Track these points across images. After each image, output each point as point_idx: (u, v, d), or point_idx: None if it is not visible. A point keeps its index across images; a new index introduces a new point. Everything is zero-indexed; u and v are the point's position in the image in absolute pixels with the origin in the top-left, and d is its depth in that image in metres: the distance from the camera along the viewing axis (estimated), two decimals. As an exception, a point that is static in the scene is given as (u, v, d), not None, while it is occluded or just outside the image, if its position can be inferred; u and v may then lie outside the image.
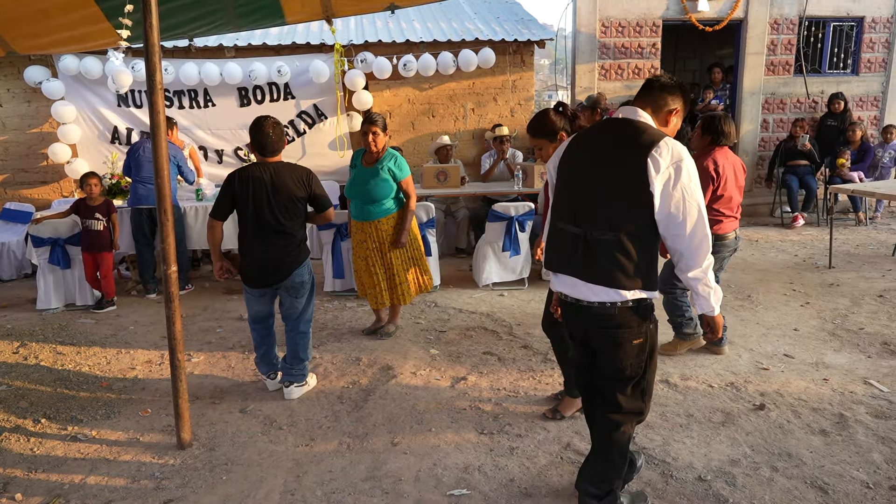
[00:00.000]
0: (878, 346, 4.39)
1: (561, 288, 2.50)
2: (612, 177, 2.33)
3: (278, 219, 3.61)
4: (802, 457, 3.07)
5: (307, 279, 3.80)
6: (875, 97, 9.48)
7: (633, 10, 8.89)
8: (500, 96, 8.64)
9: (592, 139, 2.49)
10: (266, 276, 3.70)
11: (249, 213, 3.62)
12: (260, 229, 3.63)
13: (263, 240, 3.64)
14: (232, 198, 3.63)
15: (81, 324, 5.44)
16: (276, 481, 2.99)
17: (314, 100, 8.15)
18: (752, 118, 9.32)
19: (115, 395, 4.00)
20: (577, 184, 2.43)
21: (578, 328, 2.52)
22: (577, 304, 2.43)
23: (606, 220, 2.31)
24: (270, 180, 3.60)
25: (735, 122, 9.22)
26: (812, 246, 7.49)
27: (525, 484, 2.92)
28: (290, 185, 3.63)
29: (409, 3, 4.77)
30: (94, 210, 5.69)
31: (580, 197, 2.41)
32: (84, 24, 4.15)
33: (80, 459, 3.23)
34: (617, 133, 2.41)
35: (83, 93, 7.67)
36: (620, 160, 2.32)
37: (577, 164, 2.46)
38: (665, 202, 2.26)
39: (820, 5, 9.05)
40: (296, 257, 3.71)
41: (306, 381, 3.95)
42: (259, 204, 3.59)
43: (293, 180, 3.65)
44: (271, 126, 3.63)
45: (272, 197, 3.59)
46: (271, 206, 3.59)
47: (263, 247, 3.65)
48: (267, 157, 3.67)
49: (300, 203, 3.70)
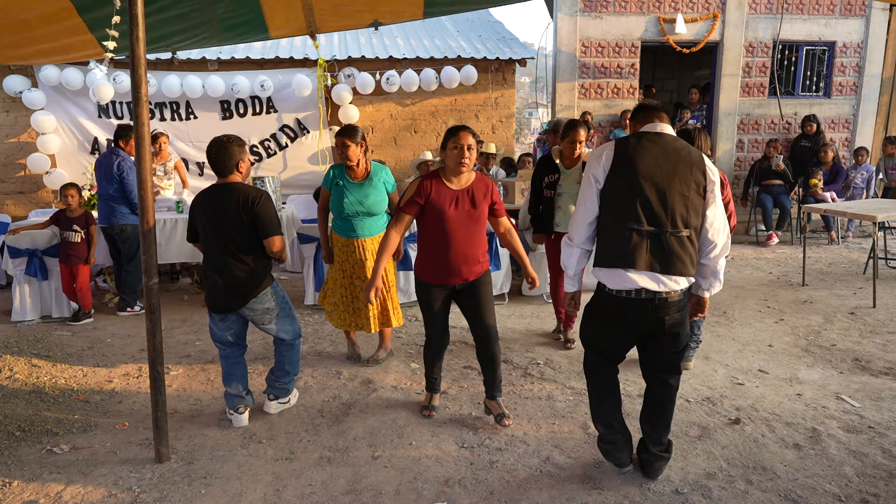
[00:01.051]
0: (850, 363, 4.49)
1: (637, 284, 2.76)
2: (681, 184, 2.75)
3: (225, 244, 3.43)
4: (776, 470, 3.13)
5: (272, 306, 3.59)
6: (846, 119, 9.74)
7: (612, 31, 9.06)
8: (481, 113, 8.74)
9: (647, 151, 2.80)
10: (221, 300, 3.51)
11: (203, 238, 3.53)
12: (211, 254, 3.51)
13: (217, 263, 3.48)
14: (192, 219, 3.56)
15: (58, 336, 5.37)
16: (256, 495, 2.98)
17: (297, 114, 8.19)
18: (728, 138, 9.51)
19: (92, 408, 3.95)
20: (647, 191, 2.74)
21: (647, 320, 2.82)
22: (656, 298, 2.77)
23: (681, 219, 2.74)
24: (216, 203, 3.43)
25: (712, 141, 9.44)
26: (786, 264, 7.64)
27: (505, 497, 2.94)
28: (232, 209, 3.39)
29: (392, 20, 4.84)
30: (73, 222, 5.64)
31: (651, 201, 2.74)
32: (67, 36, 4.15)
33: (56, 473, 3.19)
34: (670, 147, 2.82)
35: (63, 103, 7.63)
36: (684, 171, 2.76)
37: (643, 173, 2.76)
38: (714, 205, 2.82)
39: (793, 29, 9.31)
40: (251, 284, 3.49)
41: (288, 398, 3.88)
42: (205, 227, 3.47)
43: (236, 203, 3.39)
44: (214, 144, 3.43)
45: (218, 220, 3.42)
46: (217, 230, 3.43)
47: (217, 271, 3.48)
48: (218, 177, 3.51)
49: (245, 229, 3.42)
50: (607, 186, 2.82)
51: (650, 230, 2.73)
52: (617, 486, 3.00)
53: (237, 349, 3.71)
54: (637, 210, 2.74)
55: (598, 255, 2.88)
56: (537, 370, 4.43)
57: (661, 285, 2.74)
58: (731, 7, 9.09)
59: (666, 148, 2.79)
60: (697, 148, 4.08)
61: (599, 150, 2.88)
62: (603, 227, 2.86)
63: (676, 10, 9.03)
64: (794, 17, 9.26)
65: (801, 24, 9.30)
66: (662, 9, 9.04)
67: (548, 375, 4.33)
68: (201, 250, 3.64)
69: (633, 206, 2.75)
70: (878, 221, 5.84)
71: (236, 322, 3.61)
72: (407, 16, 4.73)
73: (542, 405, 3.89)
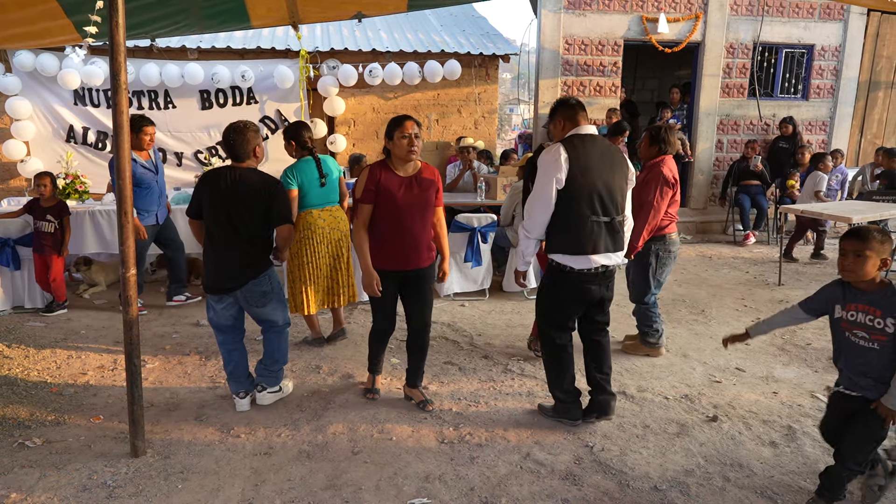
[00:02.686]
0: (825, 361, 4.56)
1: (596, 263, 3.34)
2: (619, 178, 3.37)
3: (235, 227, 3.52)
4: (753, 467, 3.17)
5: (268, 289, 3.66)
6: (823, 122, 9.89)
7: (595, 29, 9.09)
8: (464, 108, 8.73)
9: (591, 152, 3.30)
10: (220, 280, 3.59)
11: (209, 216, 3.58)
12: (216, 235, 3.57)
13: (220, 245, 3.57)
14: (198, 198, 3.61)
15: (30, 327, 5.26)
16: (234, 490, 2.95)
17: (278, 105, 8.11)
18: (708, 138, 9.60)
19: (66, 401, 3.88)
20: (600, 187, 3.27)
21: (601, 288, 3.44)
22: (607, 270, 3.40)
23: (621, 206, 3.38)
24: (232, 186, 3.51)
25: (691, 141, 9.54)
26: (762, 263, 7.74)
27: (485, 493, 2.94)
28: (249, 195, 3.52)
29: (376, 12, 4.79)
30: (46, 211, 5.51)
31: (603, 195, 3.29)
32: (42, 20, 4.05)
33: (28, 467, 3.12)
34: (604, 146, 3.38)
35: (38, 90, 7.47)
36: (619, 166, 3.38)
37: (595, 172, 3.27)
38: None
39: (773, 32, 9.41)
40: (252, 267, 3.59)
41: (280, 387, 3.88)
42: (216, 208, 3.53)
43: (255, 188, 3.53)
44: (232, 131, 3.56)
45: (230, 203, 3.50)
46: (228, 213, 3.51)
47: (219, 252, 3.58)
48: (234, 162, 3.62)
49: (259, 213, 3.55)
50: (567, 186, 3.24)
51: (605, 220, 3.31)
52: (596, 483, 3.01)
53: (236, 334, 3.77)
54: (595, 204, 3.28)
55: (563, 244, 3.34)
56: (518, 366, 4.43)
57: (611, 260, 3.39)
58: (712, 8, 9.16)
59: (601, 148, 3.35)
60: (669, 144, 4.43)
61: (554, 154, 3.24)
62: (564, 220, 3.29)
63: (659, 10, 9.08)
64: (774, 19, 9.36)
65: (780, 27, 9.41)
66: (645, 8, 9.09)
67: (528, 371, 4.34)
68: (195, 230, 3.70)
69: (592, 201, 3.27)
70: (853, 223, 5.92)
71: (233, 304, 3.68)
72: (391, 8, 4.68)
73: (523, 401, 3.90)
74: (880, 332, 2.61)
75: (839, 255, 2.70)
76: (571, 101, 3.45)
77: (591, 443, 3.38)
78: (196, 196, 3.63)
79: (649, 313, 4.58)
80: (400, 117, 3.48)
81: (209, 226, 3.60)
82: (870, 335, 2.64)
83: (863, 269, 2.61)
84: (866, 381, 2.69)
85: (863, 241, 2.60)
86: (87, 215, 6.01)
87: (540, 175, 3.28)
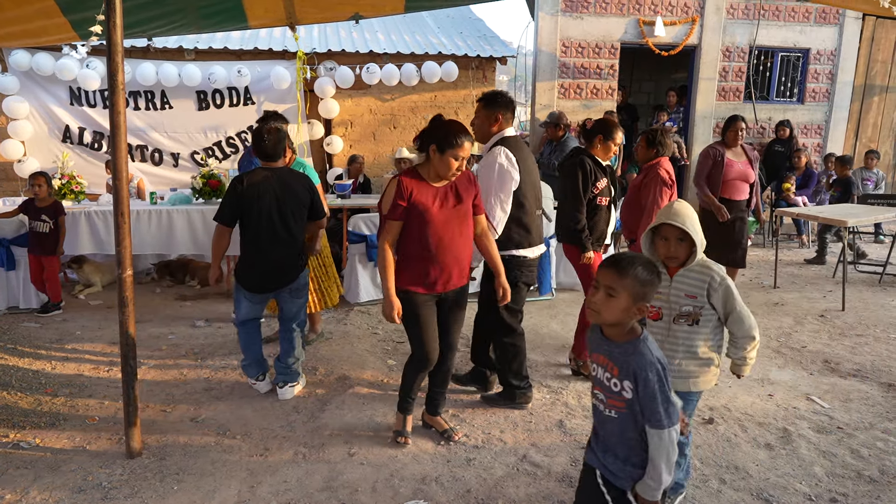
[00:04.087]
0: (820, 364, 4.57)
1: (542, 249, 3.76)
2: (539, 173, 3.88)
3: (287, 225, 3.67)
4: (749, 470, 3.17)
5: (307, 281, 3.93)
6: (819, 126, 9.92)
7: (592, 31, 9.11)
8: (461, 110, 8.73)
9: (524, 152, 3.62)
10: (270, 281, 3.76)
11: (256, 219, 3.62)
12: (267, 235, 3.65)
13: (270, 246, 3.67)
14: (239, 202, 3.60)
15: (25, 328, 5.24)
16: (230, 491, 2.94)
17: (275, 106, 8.07)
18: (704, 141, 9.62)
19: (61, 402, 3.87)
20: (537, 183, 3.73)
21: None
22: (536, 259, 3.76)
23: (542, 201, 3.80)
24: (279, 186, 3.65)
25: (687, 144, 9.56)
26: (758, 266, 7.76)
27: (482, 495, 2.94)
28: (298, 192, 3.71)
29: (373, 13, 4.80)
30: (42, 211, 5.49)
31: (538, 190, 3.75)
32: (39, 18, 4.04)
33: (24, 468, 3.11)
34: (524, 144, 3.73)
35: (34, 89, 7.44)
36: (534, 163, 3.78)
37: (531, 170, 3.66)
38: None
39: (769, 35, 9.45)
40: (300, 261, 3.81)
41: (297, 382, 4.01)
42: (269, 209, 3.62)
43: (299, 186, 3.73)
44: (267, 132, 3.69)
45: (281, 203, 3.64)
46: (281, 212, 3.65)
47: (271, 253, 3.68)
48: (269, 162, 3.73)
49: (304, 209, 3.77)
50: (521, 184, 3.52)
51: (538, 212, 3.74)
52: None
53: (257, 322, 3.97)
54: (539, 198, 3.71)
55: (523, 237, 3.60)
56: (514, 368, 4.43)
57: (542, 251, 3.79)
58: (709, 11, 9.19)
59: (524, 146, 3.67)
60: (665, 146, 4.46)
61: (506, 155, 3.46)
62: (518, 215, 3.55)
63: (656, 13, 9.10)
64: (770, 23, 9.39)
65: (776, 31, 9.45)
66: (642, 11, 9.11)
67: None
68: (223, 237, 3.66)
69: (537, 196, 3.69)
70: (849, 226, 5.95)
71: (266, 298, 3.90)
72: (388, 9, 4.69)
73: (519, 403, 3.89)
74: (617, 397, 1.95)
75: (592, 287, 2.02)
76: (511, 99, 3.62)
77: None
78: (233, 203, 3.61)
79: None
80: (456, 130, 3.00)
81: (254, 229, 3.64)
82: (606, 399, 1.99)
83: (608, 310, 1.92)
84: (614, 463, 2.01)
85: (619, 275, 1.91)
86: (83, 215, 5.99)
87: (503, 175, 3.45)
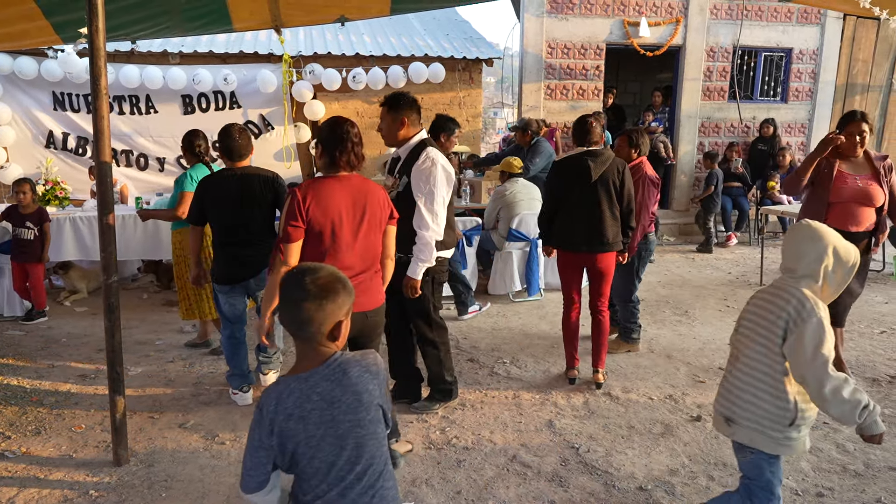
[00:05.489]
0: (806, 360, 4.61)
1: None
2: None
3: (245, 223, 3.71)
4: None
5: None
6: (802, 124, 10.01)
7: (578, 32, 9.15)
8: (448, 112, 8.71)
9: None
10: (235, 271, 3.76)
11: (217, 217, 3.73)
12: (228, 233, 3.72)
13: (231, 243, 3.73)
14: (201, 202, 3.72)
15: (9, 336, 5.19)
16: (219, 498, 2.92)
17: (261, 109, 8.06)
18: (690, 140, 9.69)
19: (46, 410, 3.82)
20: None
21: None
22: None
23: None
24: (238, 185, 3.70)
25: (673, 144, 9.63)
26: (744, 264, 7.82)
27: (472, 496, 2.94)
28: (256, 190, 3.74)
29: (359, 15, 4.79)
30: (26, 218, 5.44)
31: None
32: (21, 21, 4.01)
33: (8, 478, 3.07)
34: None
35: (16, 94, 7.38)
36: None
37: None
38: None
39: (752, 35, 9.52)
40: (265, 258, 3.77)
41: (278, 370, 4.12)
42: (225, 208, 3.68)
43: (259, 185, 3.76)
44: (238, 132, 3.77)
45: (239, 202, 3.69)
46: (237, 211, 3.68)
47: (232, 249, 3.73)
48: (235, 161, 3.78)
49: (265, 207, 3.79)
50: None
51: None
52: (583, 484, 3.02)
53: (241, 326, 3.93)
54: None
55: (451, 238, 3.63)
56: (503, 369, 4.44)
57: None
58: (693, 12, 9.26)
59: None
60: (643, 146, 4.47)
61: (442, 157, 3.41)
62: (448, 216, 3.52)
63: (640, 14, 9.15)
64: (753, 23, 9.47)
65: (759, 31, 9.53)
66: (627, 12, 9.16)
67: (514, 374, 4.35)
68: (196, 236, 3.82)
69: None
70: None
71: (241, 293, 3.87)
72: (374, 11, 4.69)
73: (509, 404, 3.90)
74: None
75: None
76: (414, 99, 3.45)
77: (577, 444, 3.40)
78: (200, 202, 3.74)
79: (634, 310, 4.74)
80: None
81: (217, 227, 3.75)
82: None
83: None
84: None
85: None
86: (68, 221, 5.93)
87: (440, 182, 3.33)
